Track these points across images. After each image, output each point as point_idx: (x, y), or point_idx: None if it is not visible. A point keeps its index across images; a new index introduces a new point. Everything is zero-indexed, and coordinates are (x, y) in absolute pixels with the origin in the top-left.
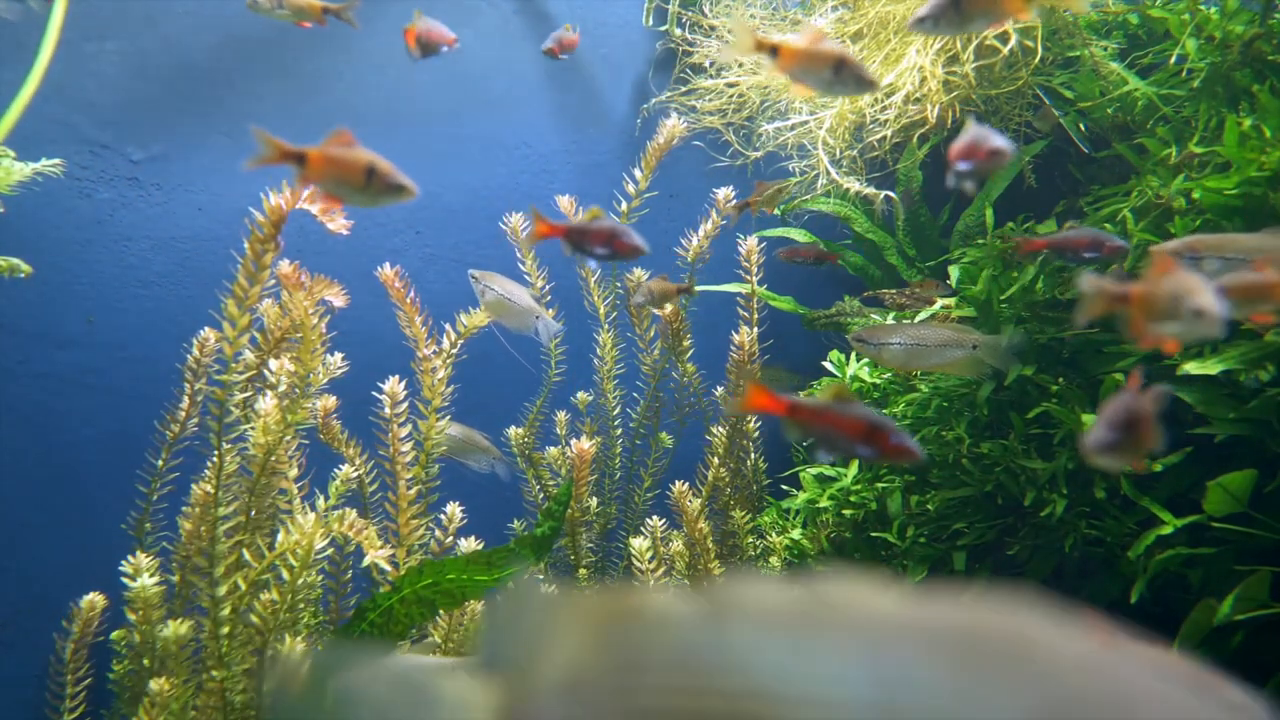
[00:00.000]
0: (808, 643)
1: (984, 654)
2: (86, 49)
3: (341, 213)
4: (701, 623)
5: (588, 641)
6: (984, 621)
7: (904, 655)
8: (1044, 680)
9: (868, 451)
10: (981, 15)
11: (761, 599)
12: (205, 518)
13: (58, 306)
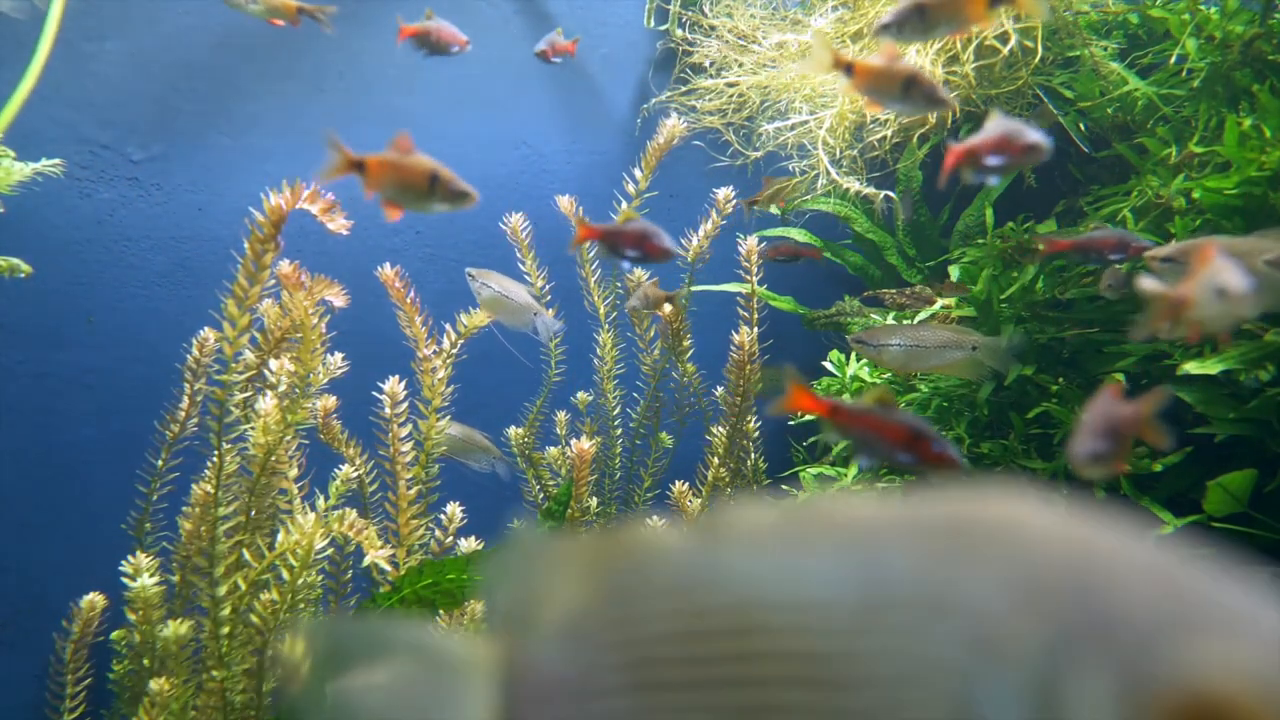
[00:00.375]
0: (796, 552)
1: (962, 537)
2: (86, 49)
3: (341, 213)
4: (695, 548)
5: (585, 583)
6: (964, 510)
7: (886, 550)
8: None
9: (908, 458)
10: (945, 22)
11: (752, 519)
12: (205, 518)
13: (58, 306)
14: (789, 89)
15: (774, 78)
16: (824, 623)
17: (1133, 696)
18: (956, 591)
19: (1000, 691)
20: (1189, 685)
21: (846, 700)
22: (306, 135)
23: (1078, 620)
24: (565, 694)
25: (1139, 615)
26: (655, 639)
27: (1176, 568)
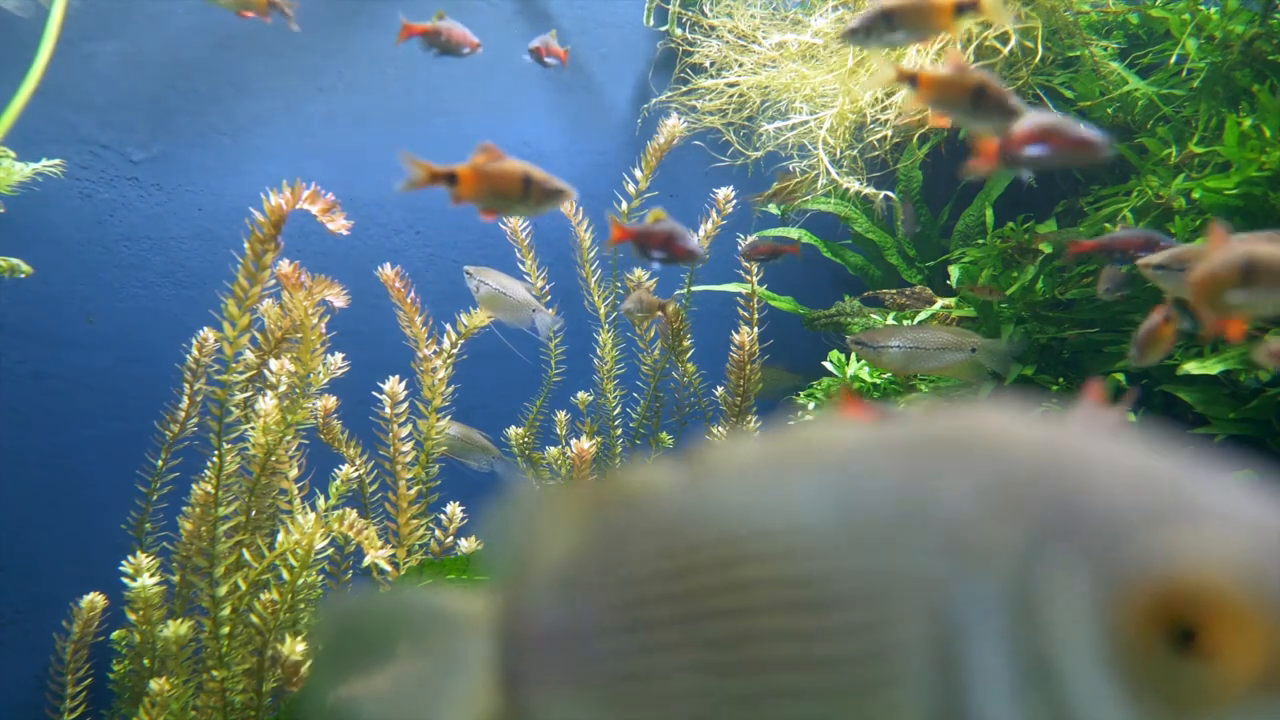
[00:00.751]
0: (778, 480)
1: (939, 449)
2: (86, 49)
3: (342, 213)
4: (682, 485)
5: (578, 529)
6: (942, 425)
7: (864, 469)
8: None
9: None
10: (911, 29)
11: (737, 452)
12: (205, 518)
13: (58, 306)
14: (789, 89)
15: (774, 78)
16: (805, 546)
17: (1108, 591)
18: (932, 502)
19: (978, 598)
20: (1164, 574)
21: (830, 620)
22: (306, 135)
23: (1053, 520)
24: (559, 641)
25: (1115, 511)
26: (645, 578)
27: (1154, 463)
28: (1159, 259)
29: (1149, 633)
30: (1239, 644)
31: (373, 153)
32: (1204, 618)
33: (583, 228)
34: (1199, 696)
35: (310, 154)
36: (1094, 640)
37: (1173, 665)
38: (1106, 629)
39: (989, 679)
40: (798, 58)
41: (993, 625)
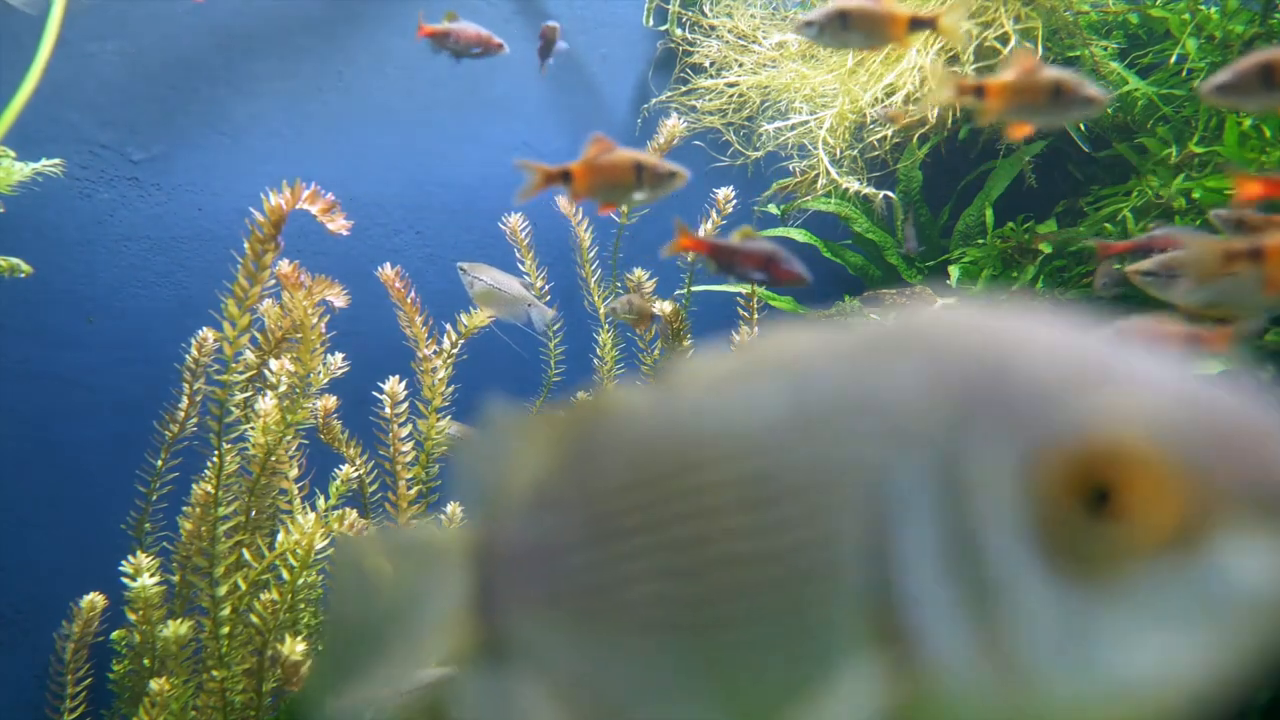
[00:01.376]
0: (735, 387)
1: (884, 343)
2: (86, 49)
3: (341, 213)
4: (647, 400)
5: (550, 450)
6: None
7: (816, 367)
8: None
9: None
10: (866, 34)
11: (702, 367)
12: (205, 518)
13: (58, 306)
14: (789, 89)
15: (774, 78)
16: (756, 445)
17: (1026, 457)
18: (872, 393)
19: (909, 479)
20: (1078, 436)
21: (777, 513)
22: (306, 135)
23: (978, 395)
24: (532, 560)
25: (1036, 381)
26: (612, 492)
27: (1080, 338)
28: (1149, 265)
29: (1064, 495)
30: (1149, 501)
31: (373, 153)
32: (1116, 477)
33: (582, 228)
34: (1114, 557)
35: (310, 154)
36: (1013, 509)
37: (1088, 527)
38: (1024, 495)
39: (918, 557)
40: (798, 58)
41: (923, 504)
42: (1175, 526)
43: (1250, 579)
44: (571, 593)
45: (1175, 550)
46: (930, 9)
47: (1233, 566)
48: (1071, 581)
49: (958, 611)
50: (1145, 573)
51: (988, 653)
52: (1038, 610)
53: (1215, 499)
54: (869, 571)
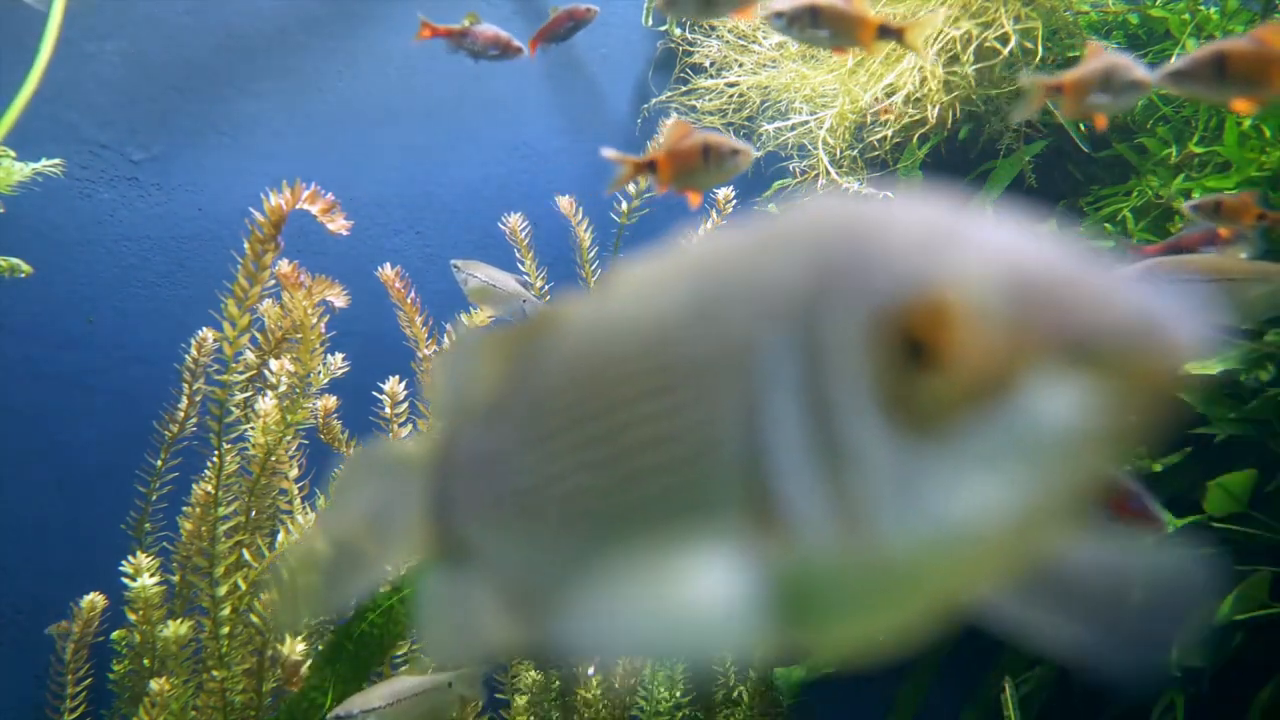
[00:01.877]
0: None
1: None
2: (86, 49)
3: (341, 213)
4: (585, 308)
5: (503, 363)
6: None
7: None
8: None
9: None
10: (833, 33)
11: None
12: (205, 518)
13: (58, 306)
14: (789, 89)
15: (774, 78)
16: (662, 338)
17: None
18: (755, 276)
19: (777, 351)
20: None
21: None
22: (306, 135)
23: (835, 268)
24: (482, 466)
25: (885, 249)
26: (547, 395)
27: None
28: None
29: (893, 351)
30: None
31: (373, 153)
32: (936, 330)
33: (582, 228)
34: (938, 408)
35: (310, 154)
36: (856, 369)
37: (916, 381)
38: (864, 355)
39: (784, 425)
40: (798, 58)
41: (788, 374)
42: (988, 374)
43: (1057, 418)
44: (512, 494)
45: (990, 396)
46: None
47: (1042, 408)
48: (906, 435)
49: (815, 473)
50: (966, 420)
51: (841, 511)
52: (879, 466)
53: (1023, 345)
54: (744, 443)
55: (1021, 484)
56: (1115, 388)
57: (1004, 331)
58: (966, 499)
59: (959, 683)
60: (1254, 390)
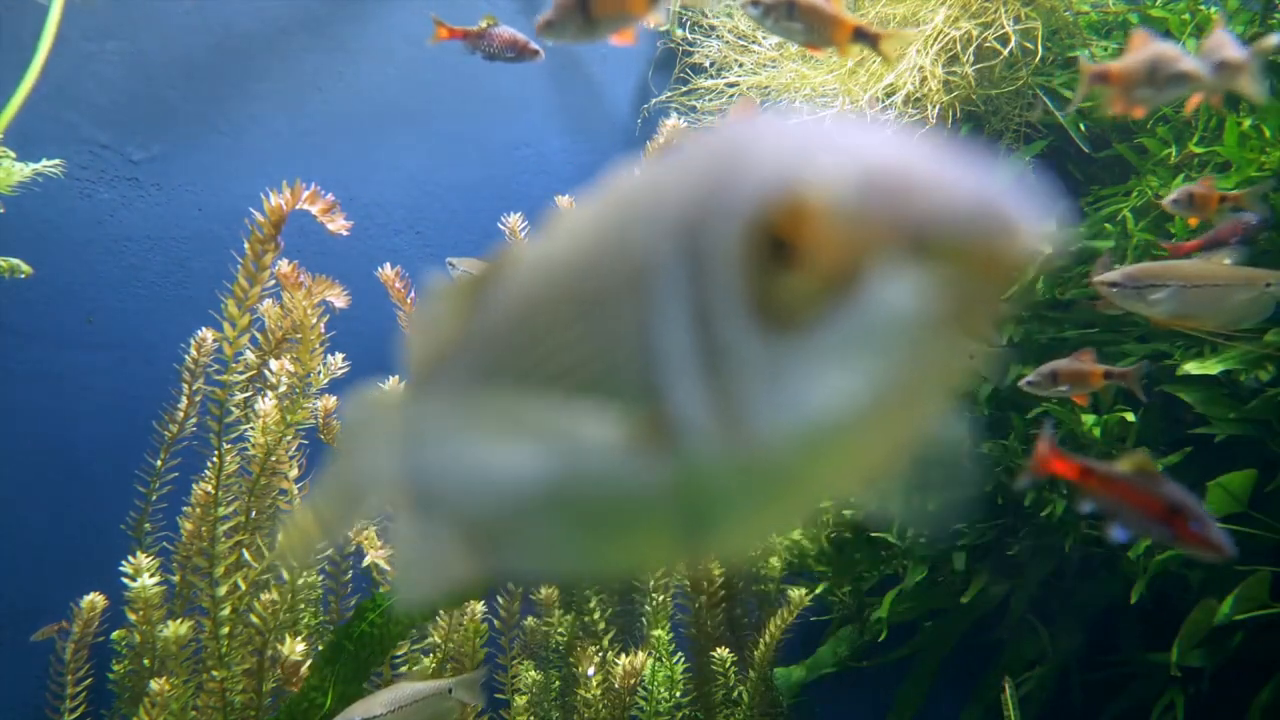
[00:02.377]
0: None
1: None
2: (86, 49)
3: (341, 213)
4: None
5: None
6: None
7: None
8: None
9: (1164, 534)
10: (807, 29)
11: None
12: (205, 518)
13: (58, 306)
14: (789, 89)
15: (774, 78)
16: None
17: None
18: (659, 198)
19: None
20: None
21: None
22: (306, 135)
23: (718, 180)
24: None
25: (759, 162)
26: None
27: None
28: (1115, 276)
29: (758, 252)
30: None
31: (372, 153)
32: (793, 229)
33: None
34: (798, 304)
35: (310, 154)
36: (729, 272)
37: (778, 280)
38: (735, 258)
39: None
40: (798, 58)
41: (676, 288)
42: (841, 266)
43: (906, 305)
44: None
45: (844, 289)
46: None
47: (891, 297)
48: (774, 334)
49: (698, 378)
50: (824, 314)
51: (721, 412)
52: (751, 365)
53: (870, 237)
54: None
55: (878, 371)
56: (958, 274)
57: (853, 225)
58: (829, 390)
59: (959, 683)
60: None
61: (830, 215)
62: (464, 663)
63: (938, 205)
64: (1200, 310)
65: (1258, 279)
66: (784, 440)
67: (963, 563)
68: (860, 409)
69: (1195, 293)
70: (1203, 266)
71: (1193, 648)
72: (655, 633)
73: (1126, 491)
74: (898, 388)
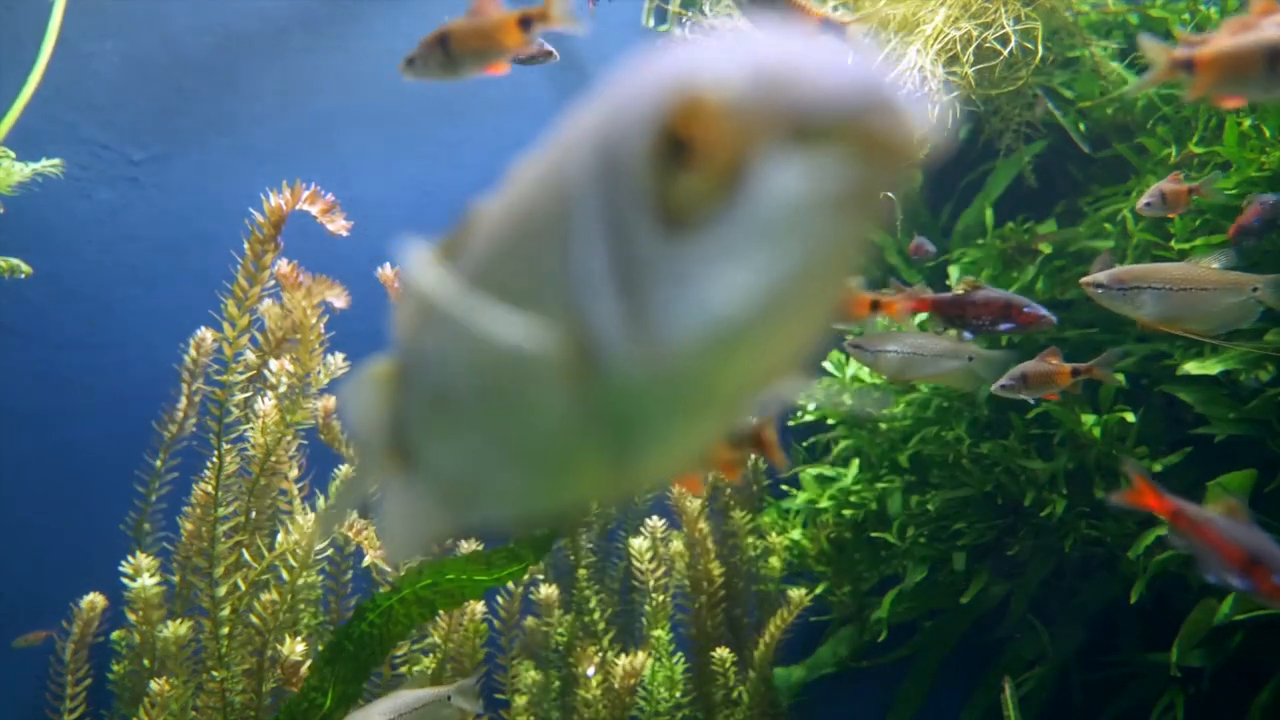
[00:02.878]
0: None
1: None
2: (86, 49)
3: (341, 213)
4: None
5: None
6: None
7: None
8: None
9: (1245, 584)
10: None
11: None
12: (205, 518)
13: (58, 307)
14: None
15: None
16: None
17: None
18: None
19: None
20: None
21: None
22: (306, 135)
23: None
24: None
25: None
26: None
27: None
28: (1101, 278)
29: (663, 154)
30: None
31: (373, 153)
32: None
33: None
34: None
35: (310, 154)
36: (639, 180)
37: (676, 181)
38: (643, 165)
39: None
40: None
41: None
42: (733, 159)
43: (793, 193)
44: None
45: (735, 183)
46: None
47: (778, 186)
48: (676, 236)
49: (612, 290)
50: (719, 211)
51: (633, 322)
52: (658, 270)
53: (757, 129)
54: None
55: (776, 261)
56: (843, 155)
57: (740, 116)
58: (731, 286)
59: (959, 683)
60: (1254, 390)
61: (719, 108)
62: (464, 663)
63: (817, 90)
64: (1186, 313)
65: (1244, 283)
66: (692, 343)
67: (962, 563)
68: (762, 302)
69: (1181, 296)
70: (1189, 270)
71: (1193, 648)
72: (655, 633)
73: (1210, 536)
74: (797, 276)
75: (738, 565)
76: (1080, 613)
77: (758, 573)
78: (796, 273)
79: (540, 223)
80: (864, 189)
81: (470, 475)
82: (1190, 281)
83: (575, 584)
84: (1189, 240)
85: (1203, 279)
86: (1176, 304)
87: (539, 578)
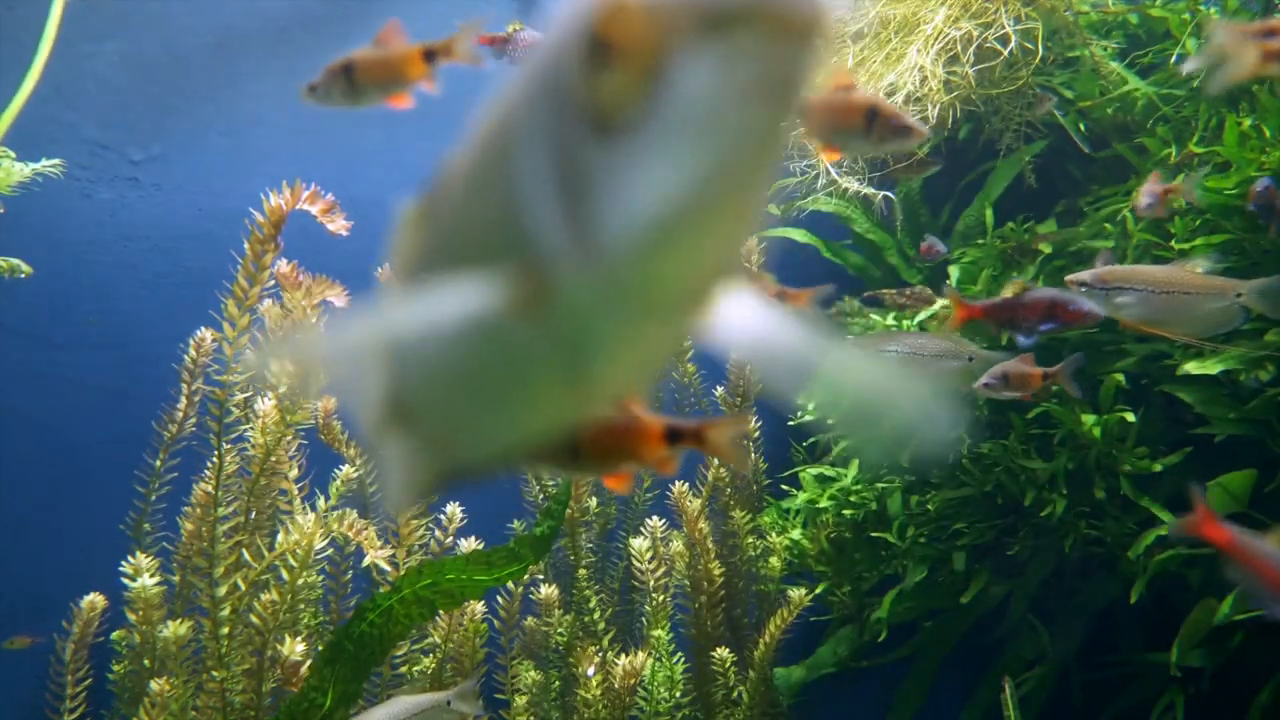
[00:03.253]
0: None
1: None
2: (86, 49)
3: (341, 213)
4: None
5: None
6: None
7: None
8: None
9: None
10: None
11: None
12: (205, 518)
13: (58, 307)
14: None
15: None
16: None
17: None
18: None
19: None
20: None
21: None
22: (306, 135)
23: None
24: None
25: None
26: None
27: None
28: (1085, 277)
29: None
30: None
31: (372, 153)
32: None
33: None
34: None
35: (310, 154)
36: (573, 89)
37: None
38: (574, 76)
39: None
40: None
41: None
42: (651, 57)
43: (710, 82)
44: None
45: (656, 79)
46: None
47: (695, 77)
48: (606, 139)
49: (554, 204)
50: (642, 110)
51: (574, 232)
52: (593, 176)
53: (671, 27)
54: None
55: (701, 152)
56: (754, 41)
57: (657, 14)
58: (661, 181)
59: (959, 683)
60: (1254, 390)
61: (636, 8)
62: (463, 662)
63: None
64: (1168, 316)
65: (1228, 288)
66: (628, 243)
67: (962, 563)
68: (689, 196)
69: (1163, 299)
70: (1173, 273)
71: (1193, 648)
72: (655, 633)
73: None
74: (720, 168)
75: (738, 565)
76: (1080, 613)
77: (758, 573)
78: (719, 164)
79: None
80: (778, 74)
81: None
82: (1173, 285)
83: (575, 584)
84: (1189, 240)
85: (1186, 282)
86: (1159, 306)
87: (539, 578)
